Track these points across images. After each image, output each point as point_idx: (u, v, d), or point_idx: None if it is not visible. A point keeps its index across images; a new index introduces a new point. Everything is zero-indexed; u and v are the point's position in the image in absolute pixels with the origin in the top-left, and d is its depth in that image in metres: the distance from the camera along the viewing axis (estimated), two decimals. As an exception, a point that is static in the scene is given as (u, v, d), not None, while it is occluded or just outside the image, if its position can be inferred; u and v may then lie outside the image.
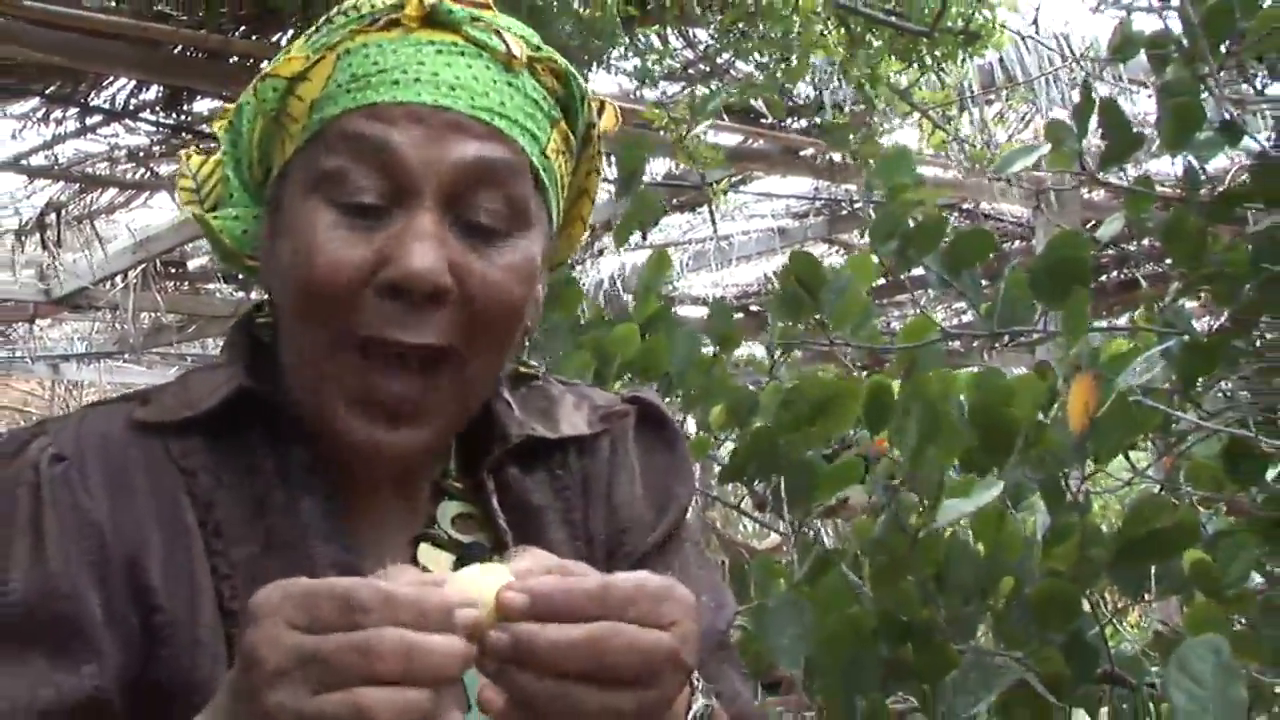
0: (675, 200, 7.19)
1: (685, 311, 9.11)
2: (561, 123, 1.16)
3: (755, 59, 5.31)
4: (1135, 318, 2.13)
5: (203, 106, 5.48)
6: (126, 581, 1.06)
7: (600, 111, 1.21)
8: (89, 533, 1.06)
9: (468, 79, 1.09)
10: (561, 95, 1.16)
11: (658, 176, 6.87)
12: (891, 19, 5.11)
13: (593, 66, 4.55)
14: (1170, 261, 1.97)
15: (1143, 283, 6.73)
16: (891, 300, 8.46)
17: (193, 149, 1.23)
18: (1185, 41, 1.89)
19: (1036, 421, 1.83)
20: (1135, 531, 1.73)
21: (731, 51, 5.39)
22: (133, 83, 5.36)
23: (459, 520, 1.20)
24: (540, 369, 1.31)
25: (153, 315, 8.79)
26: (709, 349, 2.32)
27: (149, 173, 6.48)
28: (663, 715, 0.96)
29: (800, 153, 6.32)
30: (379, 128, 1.07)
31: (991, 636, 1.87)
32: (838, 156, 5.69)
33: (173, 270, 7.93)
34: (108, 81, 5.38)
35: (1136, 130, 1.95)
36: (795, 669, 1.71)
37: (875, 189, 2.07)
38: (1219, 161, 2.48)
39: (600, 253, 7.89)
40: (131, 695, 1.05)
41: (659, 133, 4.83)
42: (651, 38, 5.40)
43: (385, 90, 1.08)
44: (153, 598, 1.06)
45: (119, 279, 7.79)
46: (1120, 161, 1.96)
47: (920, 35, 5.09)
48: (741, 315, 8.11)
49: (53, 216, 7.00)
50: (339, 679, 0.84)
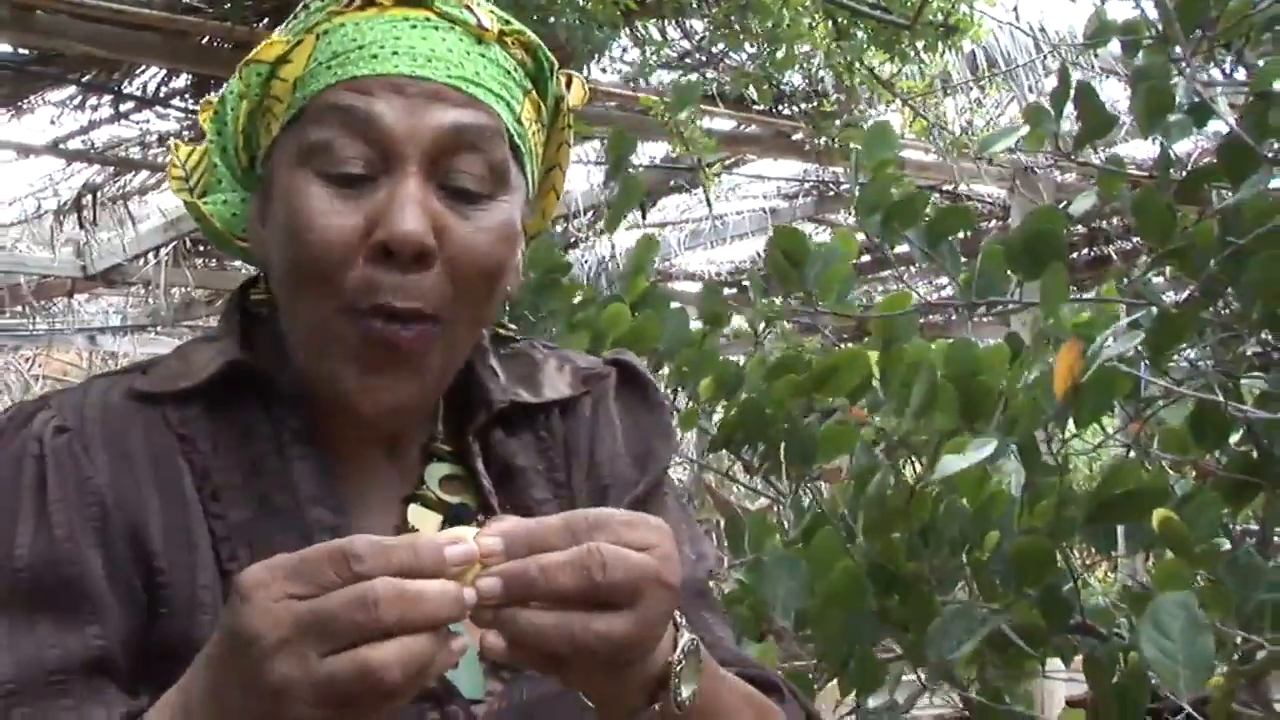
0: (672, 182, 7.17)
1: (681, 287, 9.11)
2: (533, 93, 1.14)
3: (747, 50, 5.29)
4: (1104, 290, 2.12)
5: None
6: (128, 545, 1.04)
7: (568, 85, 1.19)
8: (92, 500, 1.05)
9: (443, 50, 1.08)
10: (531, 67, 1.14)
11: (656, 160, 6.85)
12: (875, 12, 5.08)
13: (595, 57, 4.52)
14: (1140, 237, 1.96)
15: (1115, 258, 6.73)
16: (876, 275, 8.45)
17: (181, 140, 1.21)
18: (1160, 28, 1.87)
19: (1013, 388, 1.83)
20: (1108, 492, 1.72)
21: (724, 43, 5.36)
22: (163, 71, 5.37)
23: (446, 482, 1.18)
24: (519, 332, 1.29)
25: (183, 290, 8.77)
26: (697, 325, 2.31)
27: (178, 156, 6.46)
28: (656, 643, 0.93)
29: (791, 137, 6.30)
30: (361, 99, 1.05)
31: (972, 589, 1.87)
32: (824, 141, 5.66)
33: (201, 248, 7.91)
34: (140, 70, 5.39)
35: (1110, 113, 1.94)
36: (787, 620, 1.71)
37: (862, 170, 2.05)
38: (1183, 145, 2.46)
39: (600, 234, 7.87)
40: (135, 655, 1.03)
41: (657, 119, 4.81)
42: (650, 29, 5.37)
43: (365, 64, 1.06)
44: (153, 560, 1.04)
45: (151, 256, 7.79)
46: (1095, 140, 1.95)
47: (902, 28, 5.06)
48: (735, 290, 8.11)
49: (89, 198, 7.00)
50: (344, 637, 0.81)
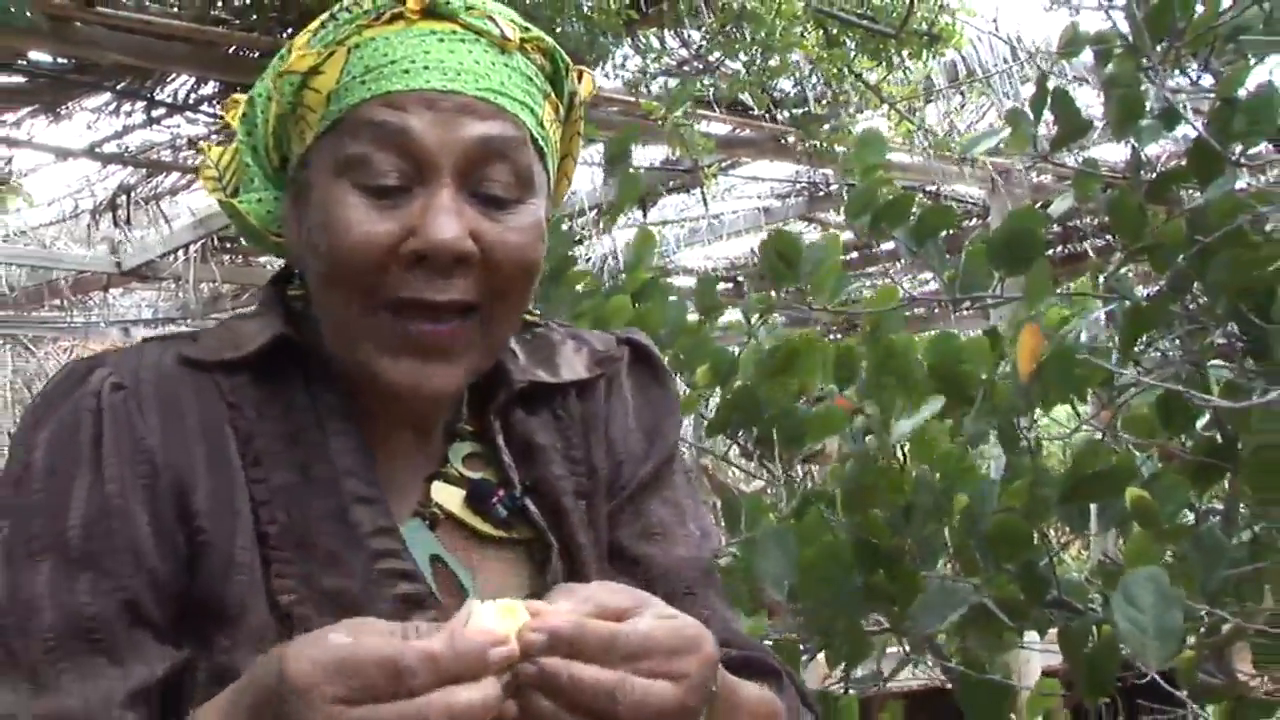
0: (671, 183, 7.15)
1: (679, 281, 9.09)
2: (551, 95, 1.14)
3: (742, 58, 5.28)
4: (1077, 284, 2.12)
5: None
6: (174, 505, 1.05)
7: (580, 79, 1.19)
8: (143, 459, 1.05)
9: (470, 63, 1.07)
10: (549, 70, 1.14)
11: (656, 162, 6.83)
12: (863, 22, 5.07)
13: (598, 64, 4.51)
14: (1113, 235, 1.96)
15: (1091, 254, 6.72)
16: (863, 271, 8.43)
17: (209, 142, 1.21)
18: (1130, 38, 1.87)
19: (990, 379, 1.83)
20: (1081, 472, 1.73)
21: (720, 51, 5.35)
22: (193, 79, 5.36)
23: (469, 459, 1.18)
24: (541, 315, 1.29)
25: (211, 285, 8.75)
26: (694, 316, 2.31)
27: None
28: None
29: (783, 141, 6.28)
30: (396, 114, 1.05)
31: (953, 566, 1.87)
32: (815, 144, 5.66)
33: (229, 245, 7.89)
34: (171, 78, 5.38)
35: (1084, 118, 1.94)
36: (780, 594, 1.70)
37: (851, 172, 2.05)
38: (1154, 149, 2.45)
39: (603, 231, 7.86)
40: (175, 606, 1.04)
41: (657, 123, 4.80)
42: (651, 38, 5.36)
43: (398, 79, 1.06)
44: (196, 520, 1.05)
45: (181, 253, 7.76)
46: (1070, 143, 1.95)
47: (888, 37, 5.06)
48: (730, 285, 8.11)
49: (123, 198, 7.00)
50: None
